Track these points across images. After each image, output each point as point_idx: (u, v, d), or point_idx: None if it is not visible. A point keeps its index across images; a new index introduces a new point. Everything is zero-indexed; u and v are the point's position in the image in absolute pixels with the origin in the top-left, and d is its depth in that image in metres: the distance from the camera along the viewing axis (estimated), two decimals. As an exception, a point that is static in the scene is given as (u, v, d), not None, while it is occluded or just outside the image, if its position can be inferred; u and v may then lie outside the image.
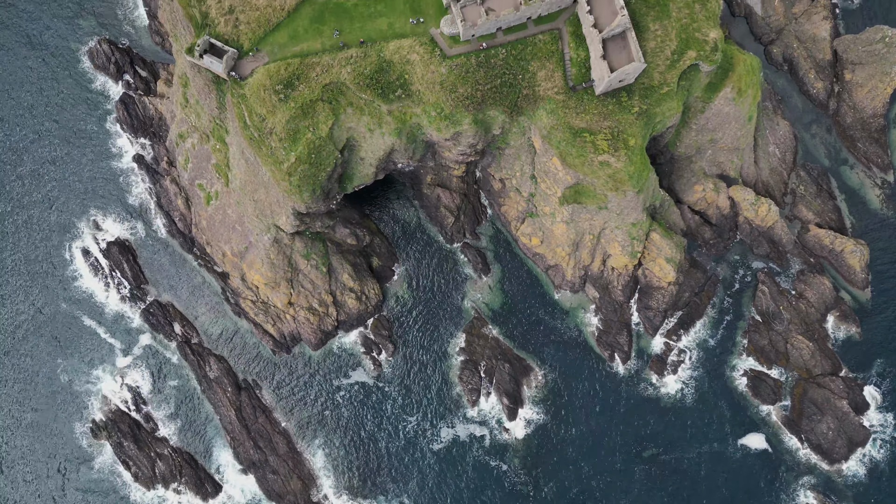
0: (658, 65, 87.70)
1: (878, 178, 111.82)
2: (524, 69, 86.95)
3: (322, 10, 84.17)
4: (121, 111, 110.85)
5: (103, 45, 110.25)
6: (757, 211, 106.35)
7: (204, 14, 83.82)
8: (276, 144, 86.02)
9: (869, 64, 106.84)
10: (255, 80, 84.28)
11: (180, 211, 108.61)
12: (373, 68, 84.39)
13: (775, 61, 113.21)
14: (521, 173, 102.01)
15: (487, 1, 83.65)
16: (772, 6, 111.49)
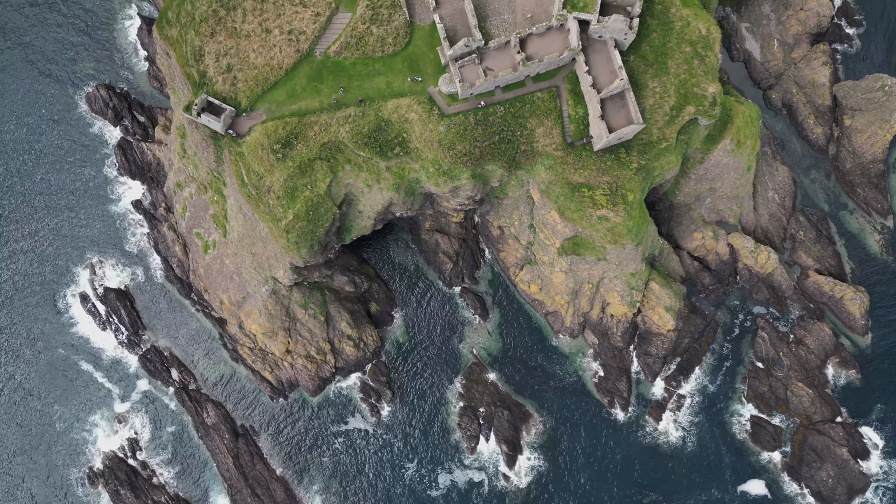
0: (657, 120, 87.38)
1: (877, 223, 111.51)
2: (522, 126, 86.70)
3: (320, 69, 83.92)
4: (119, 156, 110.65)
5: (101, 91, 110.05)
6: (756, 258, 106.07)
7: (202, 73, 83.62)
8: (274, 202, 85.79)
9: (868, 111, 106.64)
10: (253, 138, 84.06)
11: (178, 257, 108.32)
12: (371, 127, 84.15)
13: (774, 106, 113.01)
14: (519, 222, 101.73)
15: (486, 60, 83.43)
16: (771, 51, 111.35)
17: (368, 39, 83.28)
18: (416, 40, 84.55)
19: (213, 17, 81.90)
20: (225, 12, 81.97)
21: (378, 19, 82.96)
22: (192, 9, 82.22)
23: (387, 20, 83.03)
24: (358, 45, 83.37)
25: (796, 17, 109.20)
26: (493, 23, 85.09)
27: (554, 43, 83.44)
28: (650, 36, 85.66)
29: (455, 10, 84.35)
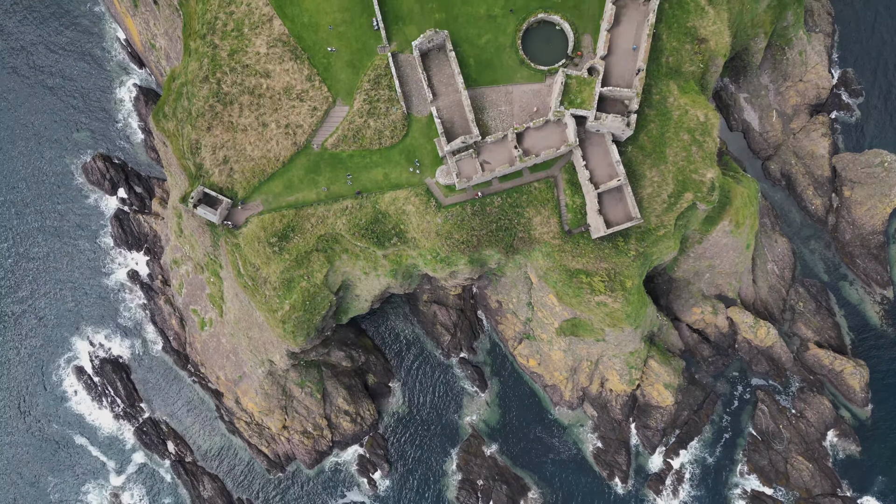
0: (655, 208, 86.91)
1: (877, 294, 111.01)
2: (520, 215, 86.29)
3: (317, 162, 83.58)
4: (115, 227, 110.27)
5: (98, 162, 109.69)
6: (756, 333, 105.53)
7: (198, 165, 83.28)
8: (270, 293, 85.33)
9: (868, 184, 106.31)
10: (250, 230, 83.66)
11: (174, 330, 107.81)
12: (368, 219, 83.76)
13: (773, 177, 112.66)
14: (517, 299, 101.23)
15: (483, 154, 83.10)
16: (769, 122, 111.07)
17: (366, 132, 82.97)
18: (413, 132, 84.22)
19: (209, 112, 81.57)
20: (222, 107, 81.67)
21: (375, 113, 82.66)
22: (189, 104, 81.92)
23: (384, 114, 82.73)
24: (355, 138, 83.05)
25: (795, 89, 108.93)
26: (491, 114, 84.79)
27: (551, 137, 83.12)
28: (648, 126, 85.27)
29: (452, 101, 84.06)
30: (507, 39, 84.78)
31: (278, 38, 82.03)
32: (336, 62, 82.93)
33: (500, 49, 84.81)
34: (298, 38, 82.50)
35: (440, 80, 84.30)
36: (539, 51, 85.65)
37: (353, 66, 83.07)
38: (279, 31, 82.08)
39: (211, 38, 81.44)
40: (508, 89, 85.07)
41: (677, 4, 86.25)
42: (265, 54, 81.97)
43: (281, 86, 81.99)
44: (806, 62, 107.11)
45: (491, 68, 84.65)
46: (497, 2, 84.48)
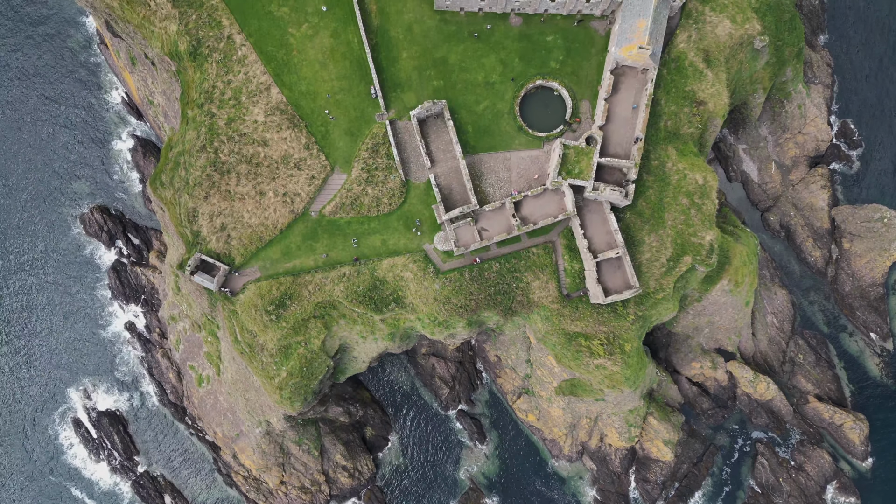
0: (653, 272, 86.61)
1: (877, 346, 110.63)
2: (518, 280, 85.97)
3: (315, 228, 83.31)
4: (112, 279, 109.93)
5: (95, 214, 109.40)
6: (756, 387, 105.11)
7: (195, 233, 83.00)
8: (268, 360, 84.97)
9: (867, 238, 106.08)
10: (247, 297, 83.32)
11: (172, 383, 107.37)
12: (366, 286, 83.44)
13: (772, 228, 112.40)
14: (516, 356, 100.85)
15: (481, 221, 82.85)
16: (768, 173, 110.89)
17: (364, 200, 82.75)
18: (411, 198, 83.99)
19: (207, 181, 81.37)
20: (219, 176, 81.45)
21: (373, 181, 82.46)
22: (187, 174, 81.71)
23: (382, 181, 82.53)
24: (353, 206, 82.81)
25: (794, 141, 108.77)
26: (489, 181, 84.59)
27: (549, 204, 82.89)
28: (646, 192, 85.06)
29: (450, 168, 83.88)
30: (505, 106, 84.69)
31: (276, 106, 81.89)
32: (334, 130, 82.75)
33: (499, 115, 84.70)
34: (296, 106, 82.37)
35: (438, 147, 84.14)
36: (537, 117, 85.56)
37: (352, 134, 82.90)
38: (277, 99, 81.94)
39: (208, 106, 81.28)
40: (506, 156, 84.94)
41: (675, 70, 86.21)
42: (263, 123, 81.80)
43: (279, 154, 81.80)
44: (805, 115, 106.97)
45: (489, 135, 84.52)
46: (495, 69, 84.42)
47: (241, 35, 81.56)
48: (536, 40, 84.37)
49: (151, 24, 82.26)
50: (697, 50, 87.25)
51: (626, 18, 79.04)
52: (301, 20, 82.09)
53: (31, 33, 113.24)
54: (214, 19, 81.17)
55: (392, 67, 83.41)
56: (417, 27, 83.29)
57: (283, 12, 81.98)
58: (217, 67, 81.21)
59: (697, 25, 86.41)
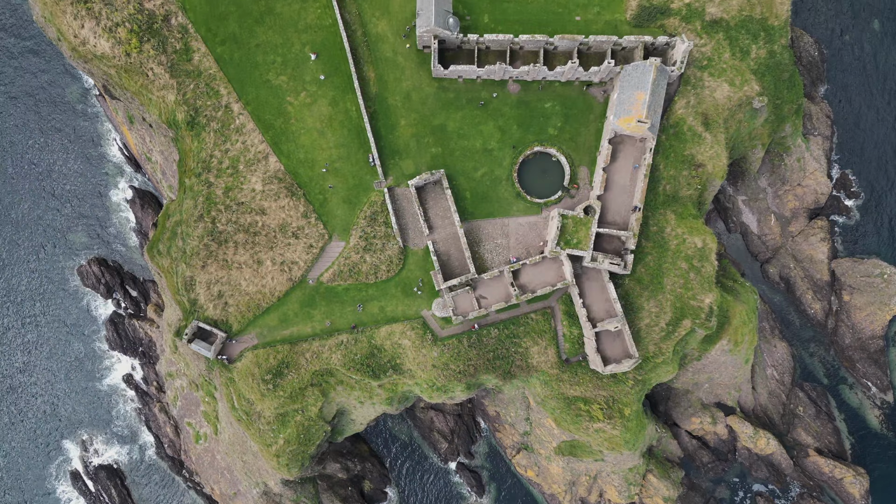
0: (653, 337, 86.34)
1: (877, 398, 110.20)
2: (517, 345, 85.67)
3: (313, 296, 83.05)
4: (110, 331, 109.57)
5: (93, 266, 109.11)
6: (756, 442, 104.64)
7: (192, 301, 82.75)
8: (265, 427, 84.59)
9: (867, 292, 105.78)
10: (244, 365, 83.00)
11: (169, 437, 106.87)
12: (364, 353, 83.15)
13: (772, 280, 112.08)
14: (515, 414, 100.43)
15: (479, 289, 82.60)
16: (768, 225, 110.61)
17: (362, 267, 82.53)
18: (409, 265, 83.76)
19: (204, 251, 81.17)
20: (216, 246, 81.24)
21: (372, 249, 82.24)
22: (184, 244, 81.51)
23: (380, 249, 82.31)
24: (351, 273, 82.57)
25: (793, 193, 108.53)
26: (487, 247, 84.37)
27: (548, 272, 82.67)
28: (645, 259, 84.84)
29: (449, 234, 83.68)
30: (503, 172, 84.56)
31: (274, 174, 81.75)
32: (332, 198, 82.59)
33: (497, 182, 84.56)
34: (294, 175, 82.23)
35: (436, 213, 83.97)
36: (535, 182, 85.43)
37: (350, 202, 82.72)
38: (275, 167, 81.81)
39: (206, 175, 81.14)
40: (505, 222, 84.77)
41: (674, 135, 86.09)
42: (261, 191, 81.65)
43: (276, 223, 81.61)
44: (804, 168, 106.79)
45: (487, 201, 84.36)
46: (493, 136, 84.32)
47: (238, 104, 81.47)
48: (535, 107, 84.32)
49: (149, 92, 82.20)
50: (696, 114, 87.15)
51: (625, 89, 78.92)
52: (299, 89, 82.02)
53: (28, 82, 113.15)
54: (212, 88, 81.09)
55: (390, 135, 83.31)
56: (416, 95, 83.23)
57: (282, 81, 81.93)
58: (215, 136, 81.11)
59: (696, 91, 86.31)
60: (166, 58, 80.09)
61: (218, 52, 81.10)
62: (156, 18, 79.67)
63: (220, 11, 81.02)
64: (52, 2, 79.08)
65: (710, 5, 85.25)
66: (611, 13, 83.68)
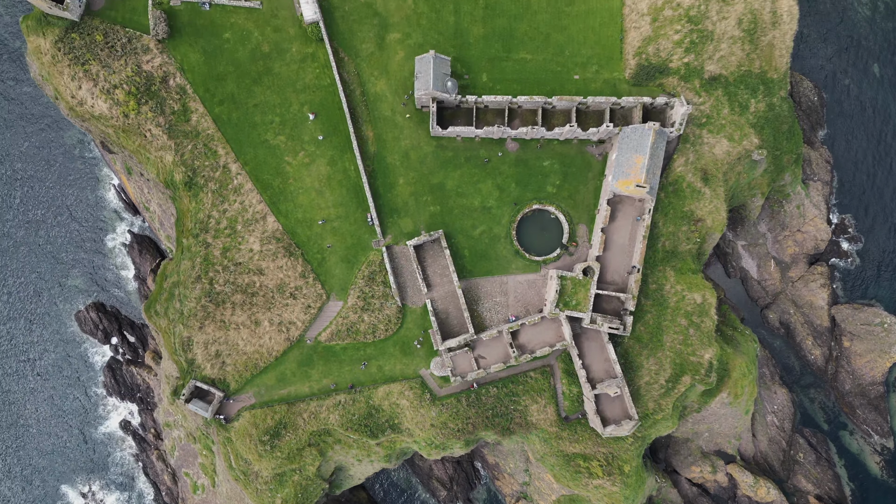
0: (652, 394, 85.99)
1: (877, 444, 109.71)
2: (516, 403, 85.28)
3: (310, 355, 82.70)
4: (108, 377, 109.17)
5: (91, 312, 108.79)
6: (756, 491, 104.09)
7: (190, 361, 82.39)
8: (262, 486, 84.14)
9: (867, 339, 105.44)
10: (241, 425, 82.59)
11: (167, 485, 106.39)
12: (362, 414, 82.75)
13: (772, 325, 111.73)
14: (514, 465, 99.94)
15: (478, 348, 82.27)
16: (767, 270, 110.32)
17: (360, 327, 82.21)
18: (407, 323, 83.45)
19: (202, 312, 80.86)
20: (214, 307, 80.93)
21: (370, 308, 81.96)
22: (181, 306, 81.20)
23: (378, 309, 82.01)
24: (349, 333, 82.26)
25: (793, 238, 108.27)
26: (486, 305, 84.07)
27: (547, 332, 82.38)
28: (645, 317, 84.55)
29: (447, 292, 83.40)
30: (501, 230, 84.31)
31: (272, 234, 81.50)
32: (330, 257, 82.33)
33: (495, 240, 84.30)
34: (292, 234, 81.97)
35: (435, 271, 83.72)
36: (534, 240, 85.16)
37: (348, 261, 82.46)
38: (273, 227, 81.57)
39: (204, 236, 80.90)
40: (504, 280, 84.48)
41: (673, 192, 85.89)
42: (259, 251, 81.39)
43: (274, 283, 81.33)
44: (804, 215, 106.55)
45: (486, 259, 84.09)
46: (492, 194, 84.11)
47: (237, 164, 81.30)
48: (533, 165, 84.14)
49: (147, 152, 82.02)
50: (695, 170, 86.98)
51: (623, 151, 78.73)
52: (297, 149, 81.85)
53: (26, 127, 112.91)
54: (210, 149, 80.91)
55: (389, 193, 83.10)
56: (414, 154, 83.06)
57: (280, 141, 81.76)
58: (213, 197, 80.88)
59: (695, 148, 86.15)
60: (164, 119, 79.93)
61: (216, 112, 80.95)
62: (154, 80, 79.52)
63: (218, 72, 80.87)
64: (49, 62, 78.93)
65: (708, 63, 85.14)
66: (609, 72, 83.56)
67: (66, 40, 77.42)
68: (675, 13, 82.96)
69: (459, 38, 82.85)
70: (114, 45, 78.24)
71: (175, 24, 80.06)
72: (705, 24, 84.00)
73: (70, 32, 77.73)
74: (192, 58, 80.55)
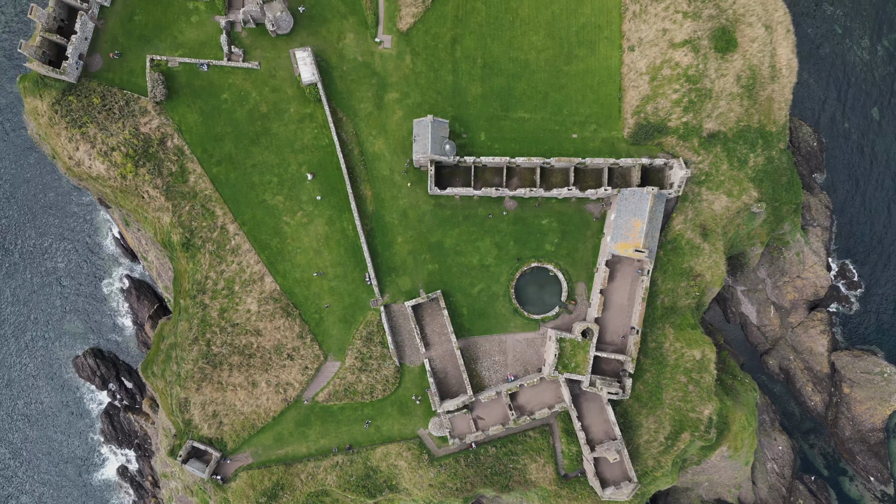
0: (651, 451, 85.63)
1: (877, 490, 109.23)
2: (515, 462, 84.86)
3: (308, 415, 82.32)
4: (105, 423, 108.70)
5: (88, 359, 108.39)
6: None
7: (187, 422, 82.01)
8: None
9: (867, 387, 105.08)
10: (238, 486, 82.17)
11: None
12: (359, 475, 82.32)
13: (771, 371, 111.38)
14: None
15: (476, 409, 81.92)
16: (767, 316, 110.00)
17: (357, 387, 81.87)
18: (405, 382, 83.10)
19: (199, 374, 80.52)
20: (211, 369, 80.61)
21: (367, 368, 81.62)
22: (178, 368, 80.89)
23: (376, 369, 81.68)
24: (347, 393, 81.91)
25: (792, 285, 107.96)
26: (484, 364, 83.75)
27: (545, 393, 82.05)
28: (644, 376, 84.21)
29: (446, 351, 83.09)
30: (500, 289, 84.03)
31: (270, 295, 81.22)
32: (328, 317, 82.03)
33: (494, 298, 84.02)
34: (290, 294, 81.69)
35: (433, 329, 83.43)
36: (533, 298, 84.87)
37: (346, 321, 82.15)
38: (271, 288, 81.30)
39: (201, 297, 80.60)
40: (502, 338, 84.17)
41: (672, 250, 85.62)
42: (256, 312, 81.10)
43: (272, 344, 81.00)
44: (803, 262, 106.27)
45: (485, 317, 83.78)
46: (490, 252, 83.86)
47: (234, 224, 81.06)
48: (531, 223, 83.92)
49: (144, 212, 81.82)
50: (694, 227, 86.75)
51: (622, 214, 78.53)
52: (296, 208, 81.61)
53: (22, 170, 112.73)
54: (208, 209, 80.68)
55: (387, 252, 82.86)
56: (412, 212, 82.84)
57: (278, 201, 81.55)
58: (210, 258, 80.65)
59: (694, 205, 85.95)
60: (162, 180, 79.74)
61: (214, 172, 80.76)
62: (152, 142, 79.36)
63: (216, 132, 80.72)
64: (46, 123, 78.77)
65: (707, 121, 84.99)
66: (608, 131, 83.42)
67: (64, 103, 77.28)
68: (673, 72, 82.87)
69: (458, 98, 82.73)
70: (111, 107, 78.08)
71: (173, 85, 79.92)
72: (704, 83, 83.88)
73: (67, 95, 77.60)
74: (190, 118, 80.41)
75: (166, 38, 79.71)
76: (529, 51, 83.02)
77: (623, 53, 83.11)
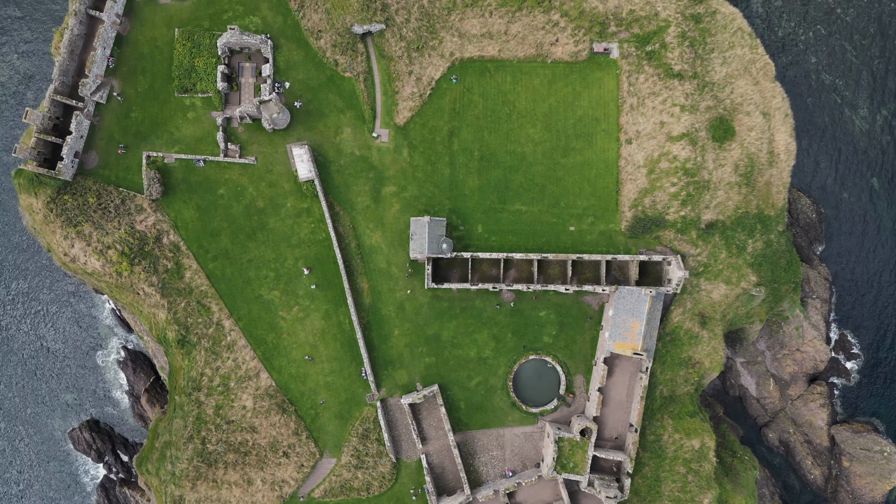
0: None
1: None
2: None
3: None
4: (101, 496, 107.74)
5: (84, 432, 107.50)
6: None
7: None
8: None
9: (867, 463, 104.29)
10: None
11: None
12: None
13: (771, 443, 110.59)
14: None
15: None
16: (767, 388, 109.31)
17: (354, 484, 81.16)
18: (402, 478, 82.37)
19: (193, 473, 79.81)
20: (206, 467, 79.90)
21: (364, 465, 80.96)
22: (173, 467, 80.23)
23: (373, 466, 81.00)
24: (343, 490, 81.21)
25: (792, 358, 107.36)
26: (482, 459, 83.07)
27: (544, 491, 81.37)
28: (643, 470, 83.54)
29: (443, 446, 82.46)
30: (497, 381, 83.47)
31: (265, 391, 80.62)
32: (324, 413, 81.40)
33: (492, 391, 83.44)
34: (286, 390, 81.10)
35: (430, 424, 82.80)
36: (531, 390, 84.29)
37: (342, 417, 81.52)
38: (266, 384, 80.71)
39: (196, 395, 80.00)
40: (500, 432, 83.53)
41: (670, 342, 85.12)
42: (252, 409, 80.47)
43: (267, 441, 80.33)
44: (803, 336, 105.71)
45: (482, 411, 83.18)
46: (488, 344, 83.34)
47: (230, 320, 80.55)
48: (529, 315, 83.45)
49: (140, 307, 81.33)
50: (693, 316, 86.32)
51: (620, 312, 78.09)
52: (292, 303, 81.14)
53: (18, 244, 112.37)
54: (203, 305, 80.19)
55: (384, 345, 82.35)
56: (409, 305, 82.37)
57: (274, 296, 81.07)
58: (205, 354, 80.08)
59: (693, 296, 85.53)
60: (157, 277, 79.28)
61: (210, 268, 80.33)
62: (147, 239, 78.96)
63: (212, 228, 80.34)
64: (41, 220, 78.36)
65: (705, 212, 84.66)
66: (605, 223, 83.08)
67: (59, 202, 76.86)
68: (671, 165, 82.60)
69: (455, 190, 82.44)
70: (107, 206, 77.72)
71: (169, 181, 79.59)
72: (702, 175, 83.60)
73: (63, 194, 77.21)
74: (186, 214, 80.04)
75: (163, 135, 79.43)
76: (527, 143, 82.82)
77: (620, 146, 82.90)
